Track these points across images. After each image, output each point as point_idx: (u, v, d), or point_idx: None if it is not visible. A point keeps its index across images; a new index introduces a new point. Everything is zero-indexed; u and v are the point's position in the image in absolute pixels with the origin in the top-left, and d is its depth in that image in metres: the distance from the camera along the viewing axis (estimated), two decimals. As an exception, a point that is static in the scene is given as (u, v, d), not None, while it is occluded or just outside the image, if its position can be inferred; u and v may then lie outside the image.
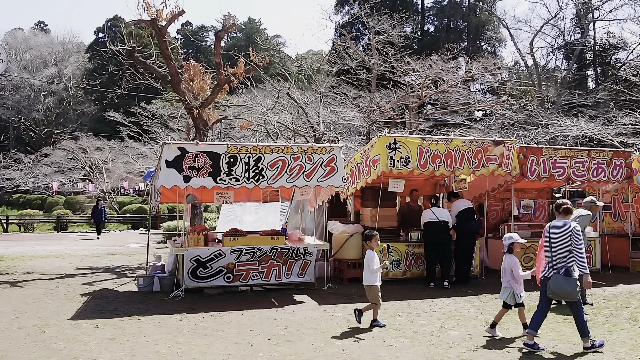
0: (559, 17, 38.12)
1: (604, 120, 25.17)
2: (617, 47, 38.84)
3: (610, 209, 15.14)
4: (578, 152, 12.12)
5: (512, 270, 6.82)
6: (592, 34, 39.80)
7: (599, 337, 6.80)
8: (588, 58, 40.08)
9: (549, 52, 40.47)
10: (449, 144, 10.71)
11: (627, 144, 22.64)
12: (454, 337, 6.84)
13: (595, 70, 41.01)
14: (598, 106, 30.14)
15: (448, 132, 23.13)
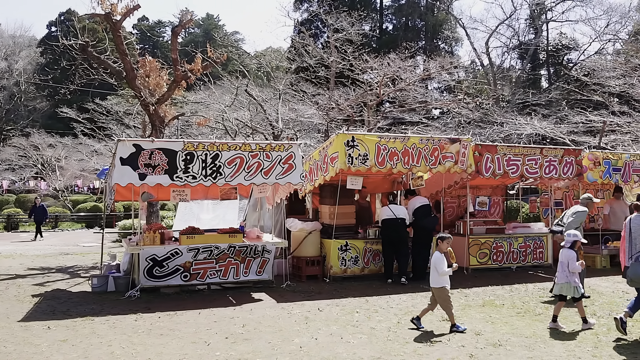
0: (513, 17, 38.96)
1: (557, 119, 25.85)
2: (569, 47, 39.91)
3: (561, 205, 15.54)
4: (531, 150, 12.40)
5: (569, 263, 7.04)
6: (545, 35, 40.80)
7: (550, 330, 6.99)
8: (541, 58, 41.06)
9: (504, 52, 41.31)
10: (406, 141, 10.82)
11: (578, 142, 23.31)
12: (410, 333, 6.91)
13: (548, 70, 42.02)
14: (551, 105, 30.90)
15: (406, 130, 23.39)
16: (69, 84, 17.86)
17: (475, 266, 12.11)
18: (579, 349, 6.19)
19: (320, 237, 11.35)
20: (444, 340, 6.54)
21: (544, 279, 11.28)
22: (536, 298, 9.22)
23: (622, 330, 6.52)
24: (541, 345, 6.33)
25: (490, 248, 12.30)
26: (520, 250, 12.60)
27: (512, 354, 6.02)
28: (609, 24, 35.31)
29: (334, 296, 9.32)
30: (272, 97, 23.32)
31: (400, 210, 10.96)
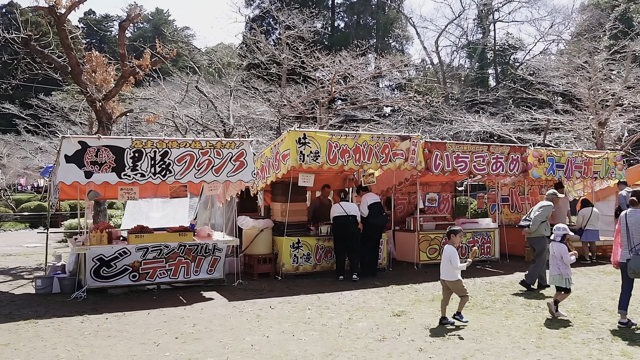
0: (462, 17, 39.85)
1: (504, 117, 26.52)
2: (515, 47, 41.00)
3: (507, 201, 15.97)
4: (479, 147, 12.67)
5: (563, 257, 7.43)
6: (492, 35, 41.77)
7: (497, 323, 7.17)
8: (489, 57, 42.01)
9: (453, 51, 42.17)
10: (358, 139, 10.88)
11: (524, 140, 23.97)
12: (361, 329, 6.97)
13: (495, 69, 43.05)
14: (498, 103, 31.67)
15: (357, 128, 23.56)
16: (10, 79, 17.20)
17: (426, 261, 12.29)
18: (523, 340, 6.36)
19: (272, 234, 11.31)
20: (394, 335, 6.61)
21: (492, 273, 11.56)
22: (484, 292, 9.42)
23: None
24: (488, 338, 6.48)
25: (440, 244, 12.51)
26: (469, 246, 12.85)
27: (460, 346, 6.14)
28: (553, 25, 36.50)
29: (286, 294, 9.31)
30: (224, 94, 23.08)
31: (352, 207, 11.02)
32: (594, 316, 7.58)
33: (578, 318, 7.46)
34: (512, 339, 6.45)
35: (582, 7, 39.98)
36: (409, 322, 7.26)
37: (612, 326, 7.00)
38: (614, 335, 6.54)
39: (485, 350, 5.99)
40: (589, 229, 13.25)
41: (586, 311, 7.89)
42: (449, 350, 6.00)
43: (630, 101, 21.59)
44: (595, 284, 10.18)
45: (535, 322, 7.21)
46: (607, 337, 6.47)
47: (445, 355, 5.86)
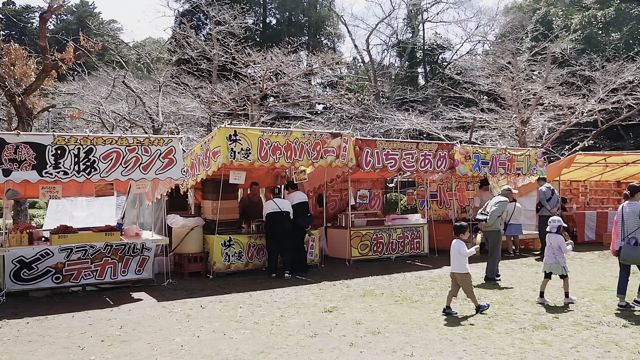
0: (392, 16, 40.45)
1: (432, 115, 27.16)
2: (443, 47, 42.07)
3: (436, 197, 16.39)
4: (408, 144, 12.92)
5: (561, 246, 8.02)
6: (421, 34, 42.71)
7: (425, 316, 7.34)
8: (418, 56, 42.90)
9: (384, 50, 42.78)
10: (289, 136, 10.87)
11: (452, 137, 24.66)
12: (293, 325, 6.97)
13: (424, 68, 44.00)
14: (427, 102, 32.42)
15: (290, 125, 23.53)
16: None
17: (357, 257, 12.44)
18: (450, 332, 6.54)
19: (202, 233, 11.14)
20: (325, 331, 6.65)
21: (421, 267, 11.83)
22: (413, 286, 9.63)
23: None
24: (417, 331, 6.63)
25: (371, 240, 12.69)
26: (399, 241, 13.11)
27: (390, 340, 6.25)
28: (479, 26, 37.66)
29: (217, 292, 9.19)
30: (152, 90, 22.52)
31: (285, 204, 10.99)
32: (517, 307, 7.89)
33: (502, 309, 7.75)
34: (440, 331, 6.62)
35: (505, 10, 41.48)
36: (341, 318, 7.32)
37: (533, 316, 7.30)
38: (535, 325, 6.82)
39: (414, 343, 6.11)
40: (512, 223, 13.77)
41: (509, 302, 8.20)
42: (379, 344, 6.09)
43: (550, 101, 22.59)
44: (518, 276, 10.59)
45: (462, 315, 7.42)
46: (529, 327, 6.74)
47: (375, 349, 5.94)
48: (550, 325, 6.80)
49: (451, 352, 5.82)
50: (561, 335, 6.36)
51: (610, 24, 31.66)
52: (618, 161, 17.67)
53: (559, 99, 22.17)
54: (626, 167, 18.08)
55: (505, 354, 5.70)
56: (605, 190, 19.46)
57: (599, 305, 7.96)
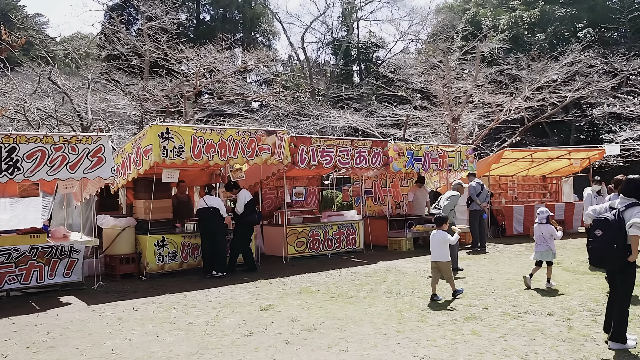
0: (327, 14, 40.75)
1: (367, 113, 27.48)
2: (377, 45, 42.63)
3: (371, 193, 16.60)
4: (343, 141, 13.02)
5: (552, 234, 8.70)
6: (356, 32, 43.12)
7: (360, 311, 7.42)
8: (353, 54, 43.29)
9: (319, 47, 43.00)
10: (223, 133, 10.73)
11: (386, 134, 25.04)
12: (228, 325, 6.89)
13: (359, 66, 44.45)
14: (362, 99, 32.77)
15: (225, 122, 23.29)
16: None
17: (294, 255, 12.46)
18: (385, 326, 6.64)
19: (135, 233, 10.86)
20: (261, 330, 6.62)
21: (357, 263, 11.95)
22: (349, 282, 9.71)
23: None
24: (352, 326, 6.69)
25: (307, 237, 12.73)
26: (335, 238, 13.20)
27: (326, 336, 6.28)
28: (411, 25, 38.42)
29: (151, 294, 8.98)
30: (81, 86, 21.73)
31: (213, 201, 10.81)
32: (449, 299, 8.08)
33: (434, 302, 7.91)
34: (374, 325, 6.71)
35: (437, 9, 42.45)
36: (277, 316, 7.30)
37: (464, 308, 7.51)
38: (465, 317, 7.01)
39: (349, 338, 6.17)
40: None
41: (442, 295, 8.38)
42: (314, 341, 6.11)
43: (479, 98, 23.29)
44: (450, 269, 10.85)
45: (396, 309, 7.55)
46: (460, 319, 6.92)
47: (311, 345, 5.96)
48: (480, 316, 7.01)
49: (385, 345, 5.91)
50: (490, 326, 6.57)
51: (536, 25, 32.96)
52: (543, 157, 18.44)
53: (488, 97, 22.90)
54: (551, 162, 18.89)
55: (437, 346, 5.83)
56: (531, 184, 20.24)
57: (526, 295, 8.27)
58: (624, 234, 5.41)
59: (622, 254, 5.43)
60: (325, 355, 5.64)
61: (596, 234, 5.56)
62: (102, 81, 23.14)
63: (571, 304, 7.57)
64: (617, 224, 5.43)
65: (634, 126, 23.24)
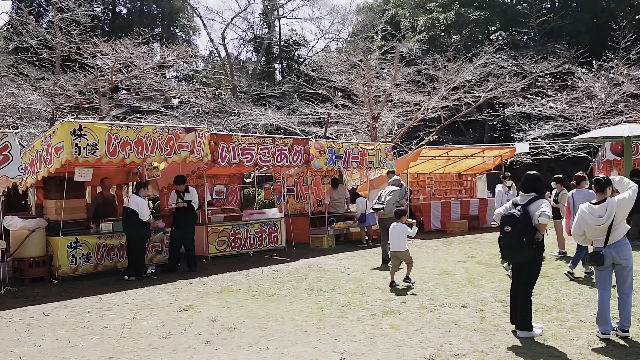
0: (248, 11, 40.47)
1: (289, 111, 27.50)
2: (299, 43, 42.79)
3: (293, 191, 16.62)
4: (264, 139, 12.96)
5: None
6: (278, 30, 43.07)
7: (282, 309, 7.41)
8: (275, 52, 43.26)
9: (241, 44, 42.67)
10: (140, 130, 10.41)
11: (308, 132, 25.15)
12: (146, 327, 6.71)
13: (281, 64, 44.48)
14: (284, 97, 32.78)
15: (143, 119, 22.61)
16: None
17: (214, 254, 12.29)
18: (305, 323, 6.66)
19: (45, 234, 10.36)
20: (180, 331, 6.48)
21: (279, 261, 11.93)
22: (271, 280, 9.68)
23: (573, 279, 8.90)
24: (273, 324, 6.67)
25: (229, 235, 12.59)
26: (257, 236, 13.13)
27: (246, 335, 6.23)
28: (333, 24, 38.81)
29: (63, 298, 8.60)
30: (-14, 80, 20.53)
31: (132, 201, 10.46)
32: (369, 295, 8.22)
33: (354, 297, 8.03)
34: (295, 323, 6.72)
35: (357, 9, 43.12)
36: (196, 316, 7.18)
37: (383, 302, 7.65)
38: (384, 311, 7.15)
39: (269, 337, 6.15)
40: (367, 214, 14.36)
41: (362, 291, 8.52)
42: (235, 340, 6.05)
43: (398, 98, 23.83)
44: (370, 265, 11.05)
45: (317, 305, 7.59)
46: (379, 313, 7.06)
47: (230, 345, 5.89)
48: (399, 310, 7.17)
49: (305, 342, 5.93)
50: (408, 319, 6.73)
51: (452, 27, 34.11)
52: (459, 154, 19.10)
53: (406, 96, 23.46)
54: (466, 159, 19.60)
55: (356, 340, 5.91)
56: (448, 181, 20.93)
57: (442, 288, 8.53)
58: (531, 228, 5.74)
59: (530, 246, 5.75)
60: (246, 355, 5.59)
61: (506, 230, 5.88)
62: (9, 75, 21.91)
63: (484, 296, 7.88)
64: (523, 219, 5.77)
65: (542, 125, 24.49)
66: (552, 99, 23.64)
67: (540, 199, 5.87)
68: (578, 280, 8.83)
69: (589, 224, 5.78)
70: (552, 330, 6.08)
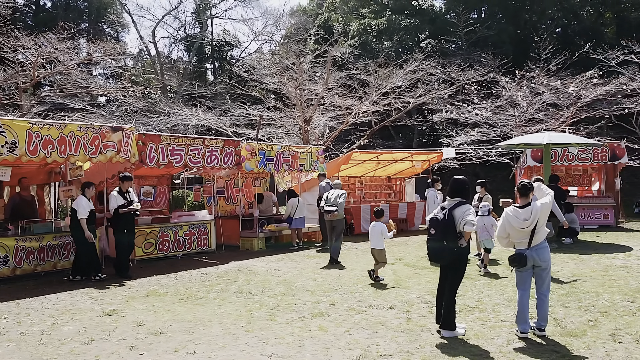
0: (180, 9, 39.74)
1: (221, 112, 27.20)
2: (231, 44, 42.41)
3: (223, 193, 16.45)
4: (194, 140, 12.76)
5: (492, 225, 9.77)
6: (210, 30, 42.55)
7: (210, 312, 7.32)
8: (207, 52, 42.68)
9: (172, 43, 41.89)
10: (63, 129, 10.02)
11: (240, 134, 24.97)
12: (67, 333, 6.46)
13: (213, 64, 43.92)
14: (216, 98, 32.37)
15: (67, 117, 21.78)
16: None
17: (142, 257, 11.99)
18: (234, 326, 6.61)
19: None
20: (103, 336, 6.28)
21: (208, 264, 11.78)
22: (199, 283, 9.54)
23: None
24: (200, 328, 6.58)
25: (156, 238, 12.32)
26: (186, 238, 12.91)
27: (173, 339, 6.11)
28: (266, 25, 38.73)
29: (-23, 303, 8.17)
30: None
31: (75, 202, 10.09)
32: (298, 297, 8.24)
33: (284, 300, 8.03)
34: (223, 326, 6.65)
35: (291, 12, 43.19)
36: (121, 321, 6.98)
37: (312, 305, 7.69)
38: (313, 313, 7.19)
39: (197, 340, 6.06)
40: (296, 217, 14.39)
41: (291, 293, 8.53)
42: (160, 345, 5.92)
43: (330, 101, 24.04)
44: (300, 268, 11.08)
45: (246, 308, 7.55)
46: (308, 315, 7.09)
47: (156, 350, 5.77)
48: (327, 312, 7.22)
49: (234, 345, 5.88)
50: (336, 321, 6.79)
51: (383, 33, 34.72)
52: (388, 158, 19.47)
53: (338, 100, 23.70)
54: (395, 164, 20.01)
55: (284, 343, 5.92)
56: (378, 185, 21.30)
57: (370, 290, 8.66)
58: (453, 231, 5.94)
59: (451, 249, 5.94)
60: (172, 359, 5.49)
61: (431, 233, 6.08)
62: None
63: (410, 297, 8.06)
64: (447, 223, 5.96)
65: (468, 131, 25.31)
66: (477, 106, 24.47)
67: (465, 204, 6.07)
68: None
69: (514, 226, 6.02)
70: (474, 330, 6.29)
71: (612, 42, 25.10)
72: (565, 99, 22.64)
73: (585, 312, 7.04)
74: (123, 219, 10.63)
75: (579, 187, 19.79)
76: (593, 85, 21.92)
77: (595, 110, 22.87)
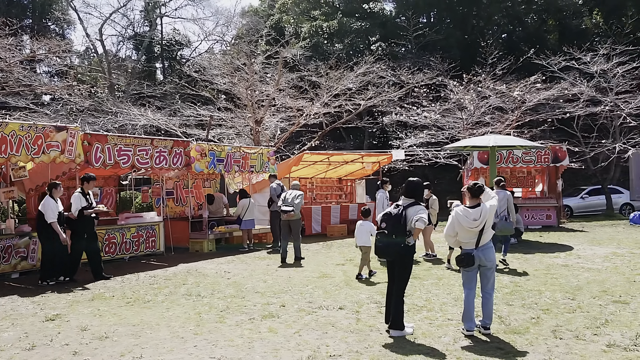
0: (128, 7, 38.94)
1: (170, 112, 26.78)
2: (181, 44, 41.83)
3: (172, 194, 16.22)
4: (142, 140, 12.53)
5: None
6: (160, 29, 41.87)
7: (158, 316, 7.20)
8: (156, 51, 41.96)
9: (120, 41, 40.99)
10: (4, 128, 9.68)
11: (189, 134, 24.66)
12: (6, 339, 6.24)
13: (163, 64, 43.21)
14: (165, 98, 31.86)
15: (8, 116, 21.04)
16: None
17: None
18: (182, 330, 6.52)
19: None
20: (46, 342, 6.10)
21: (156, 266, 11.59)
22: (147, 286, 9.37)
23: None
24: (148, 331, 6.46)
25: (103, 240, 12.03)
26: (133, 240, 12.67)
27: (119, 344, 5.99)
28: (217, 25, 38.37)
29: None
30: None
31: (42, 203, 9.74)
32: (248, 299, 8.19)
33: (234, 302, 7.97)
34: (171, 329, 6.55)
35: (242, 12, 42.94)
36: (64, 326, 6.79)
37: (262, 306, 7.67)
38: (263, 315, 7.17)
39: (144, 344, 5.95)
40: (247, 218, 14.31)
41: (241, 295, 8.48)
42: (106, 350, 5.79)
43: (281, 102, 24.01)
44: (250, 269, 11.02)
45: (195, 311, 7.46)
46: (258, 317, 7.06)
47: (101, 355, 5.64)
48: (277, 314, 7.21)
49: (182, 349, 5.80)
50: (286, 322, 6.79)
51: (334, 35, 34.90)
52: (339, 160, 19.58)
53: (289, 101, 23.69)
54: (346, 165, 20.14)
55: (234, 345, 5.88)
56: (329, 186, 21.39)
57: (320, 291, 8.69)
58: (403, 228, 6.05)
59: (398, 244, 6.06)
60: (117, 364, 5.38)
61: (381, 227, 6.22)
62: None
63: (360, 298, 8.13)
64: (398, 218, 6.09)
65: (417, 134, 25.70)
66: (426, 109, 24.88)
67: (418, 205, 6.21)
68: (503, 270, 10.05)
69: (464, 226, 6.16)
70: (422, 329, 6.40)
71: (555, 49, 25.87)
72: (511, 102, 23.27)
73: (529, 310, 7.25)
74: (84, 222, 10.25)
75: (523, 189, 20.39)
76: (536, 90, 22.62)
77: (538, 114, 23.61)
